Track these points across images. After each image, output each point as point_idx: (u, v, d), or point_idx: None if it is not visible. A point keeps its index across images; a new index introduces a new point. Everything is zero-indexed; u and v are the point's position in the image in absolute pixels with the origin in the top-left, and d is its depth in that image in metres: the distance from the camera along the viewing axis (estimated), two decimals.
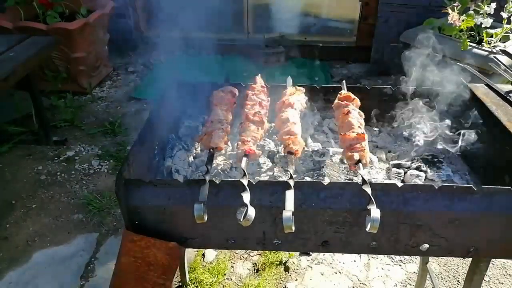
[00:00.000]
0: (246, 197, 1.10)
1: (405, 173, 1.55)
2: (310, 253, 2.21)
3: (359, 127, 1.43)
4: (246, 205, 1.08)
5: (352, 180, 1.50)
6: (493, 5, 3.18)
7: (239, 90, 1.72)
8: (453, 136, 1.61)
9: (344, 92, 1.64)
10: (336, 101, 1.62)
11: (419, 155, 1.63)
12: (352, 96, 1.59)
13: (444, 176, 1.52)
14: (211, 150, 1.39)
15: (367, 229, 1.06)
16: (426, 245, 1.24)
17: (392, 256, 2.28)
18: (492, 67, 2.05)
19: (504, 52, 2.45)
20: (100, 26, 3.89)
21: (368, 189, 1.13)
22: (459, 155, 1.64)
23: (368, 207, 1.07)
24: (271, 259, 2.22)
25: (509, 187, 1.18)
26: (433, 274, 1.98)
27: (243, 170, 1.23)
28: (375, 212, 1.05)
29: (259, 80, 1.75)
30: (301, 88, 1.73)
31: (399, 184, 1.20)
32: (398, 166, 1.58)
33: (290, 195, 1.13)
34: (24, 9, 3.61)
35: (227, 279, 2.14)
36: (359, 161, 1.30)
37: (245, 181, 1.16)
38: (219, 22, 4.38)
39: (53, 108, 3.54)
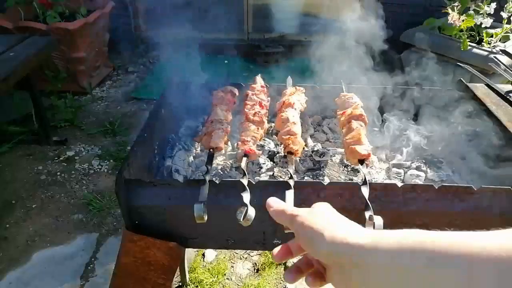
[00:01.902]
0: (246, 197, 1.10)
1: (405, 173, 1.55)
2: None
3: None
4: (246, 205, 1.08)
5: (352, 180, 1.50)
6: (493, 5, 3.18)
7: (239, 90, 1.72)
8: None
9: (344, 92, 1.64)
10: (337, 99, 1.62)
11: (419, 155, 1.63)
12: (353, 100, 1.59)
13: (444, 176, 1.52)
14: (211, 150, 1.39)
15: None
16: None
17: None
18: (492, 67, 2.06)
19: (504, 52, 2.45)
20: (100, 26, 3.89)
21: (366, 193, 1.11)
22: (459, 155, 1.64)
23: (366, 213, 1.04)
24: (271, 259, 2.22)
25: (509, 187, 1.18)
26: None
27: (243, 170, 1.23)
28: (376, 220, 1.02)
29: (259, 80, 1.75)
30: (301, 88, 1.73)
31: (399, 184, 1.20)
32: (398, 166, 1.58)
33: (290, 195, 1.13)
34: (24, 9, 3.61)
35: (227, 279, 2.14)
36: (362, 161, 1.30)
37: (245, 181, 1.16)
38: (219, 22, 4.38)
39: (53, 108, 3.53)
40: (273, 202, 0.67)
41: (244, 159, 1.31)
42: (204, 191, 1.15)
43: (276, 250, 0.64)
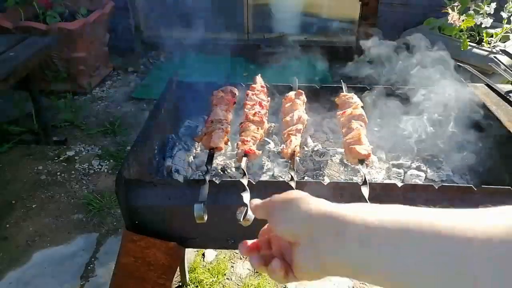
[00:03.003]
0: (246, 197, 1.10)
1: (405, 173, 1.55)
2: None
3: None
4: (246, 205, 1.08)
5: (352, 180, 1.50)
6: (493, 5, 3.18)
7: (239, 90, 1.72)
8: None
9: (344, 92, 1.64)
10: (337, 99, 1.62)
11: (419, 155, 1.63)
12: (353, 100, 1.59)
13: (444, 176, 1.52)
14: (211, 150, 1.39)
15: None
16: None
17: None
18: (492, 67, 2.06)
19: (504, 52, 2.45)
20: (100, 26, 3.89)
21: (366, 193, 1.11)
22: (459, 155, 1.64)
23: None
24: None
25: (509, 187, 1.18)
26: None
27: (243, 170, 1.23)
28: None
29: (259, 80, 1.75)
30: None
31: (399, 184, 1.20)
32: (398, 166, 1.58)
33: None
34: (24, 9, 3.60)
35: (227, 279, 2.14)
36: (362, 161, 1.30)
37: (245, 181, 1.16)
38: (219, 22, 4.38)
39: (53, 108, 3.53)
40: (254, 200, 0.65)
41: (244, 159, 1.31)
42: (204, 191, 1.15)
43: (246, 242, 0.62)
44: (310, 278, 0.53)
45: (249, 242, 0.63)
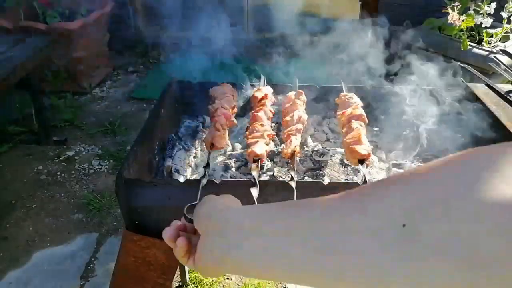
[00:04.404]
0: (254, 192, 1.10)
1: None
2: None
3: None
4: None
5: (352, 180, 1.50)
6: (493, 5, 3.18)
7: (239, 90, 1.73)
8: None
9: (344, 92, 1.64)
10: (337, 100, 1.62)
11: (419, 155, 1.63)
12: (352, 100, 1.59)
13: None
14: (210, 152, 1.39)
15: None
16: None
17: None
18: (492, 67, 2.06)
19: (504, 52, 2.45)
20: (100, 26, 3.89)
21: None
22: None
23: None
24: None
25: None
26: None
27: (257, 166, 1.23)
28: None
29: (268, 89, 1.74)
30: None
31: None
32: (398, 166, 1.58)
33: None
34: (24, 9, 3.61)
35: (227, 279, 2.14)
36: (362, 161, 1.30)
37: (255, 174, 1.16)
38: (218, 22, 4.37)
39: (53, 108, 3.53)
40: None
41: (254, 165, 1.31)
42: (198, 194, 1.14)
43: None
44: (205, 270, 0.56)
45: (179, 222, 0.70)
